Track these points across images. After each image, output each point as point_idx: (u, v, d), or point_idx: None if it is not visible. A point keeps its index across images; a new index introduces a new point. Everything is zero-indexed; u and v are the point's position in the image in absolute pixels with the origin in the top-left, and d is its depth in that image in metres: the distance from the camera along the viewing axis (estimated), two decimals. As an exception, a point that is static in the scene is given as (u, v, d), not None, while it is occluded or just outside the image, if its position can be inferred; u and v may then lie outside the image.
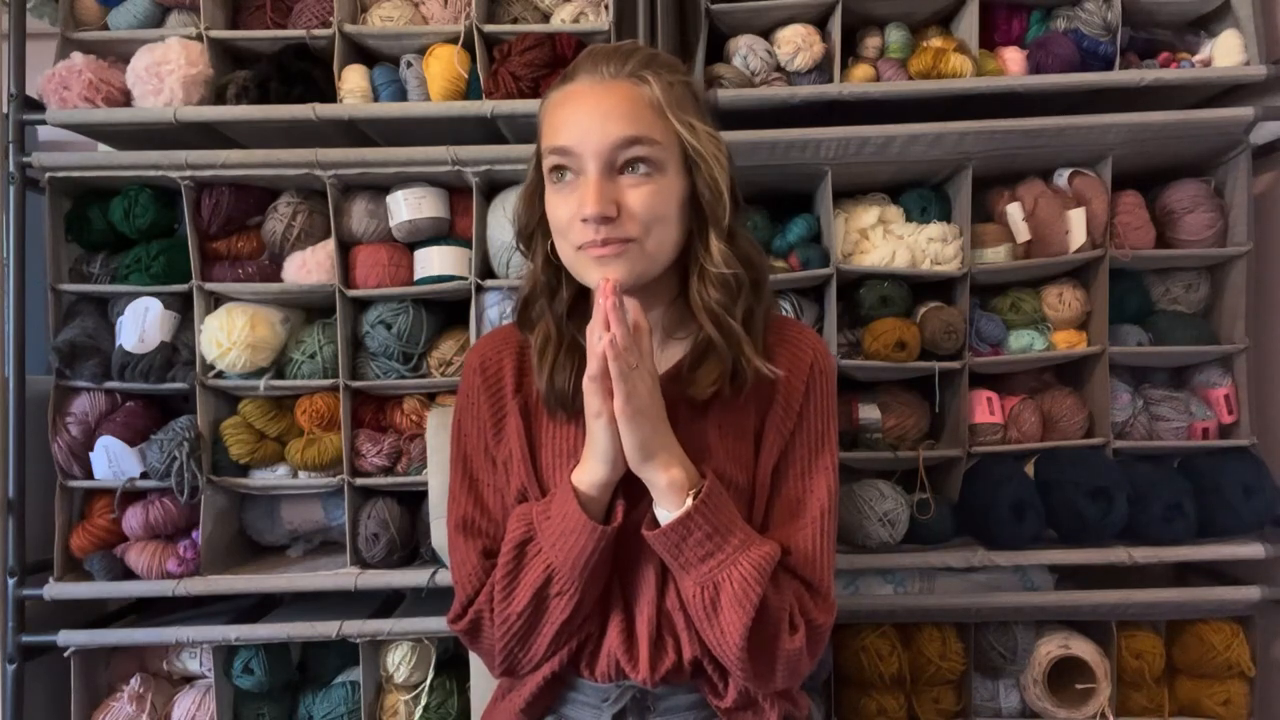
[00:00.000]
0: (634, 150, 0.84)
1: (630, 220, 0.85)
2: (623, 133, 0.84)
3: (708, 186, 0.87)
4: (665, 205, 0.86)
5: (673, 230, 0.88)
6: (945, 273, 1.47)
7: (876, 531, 1.44)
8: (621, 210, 0.85)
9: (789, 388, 0.94)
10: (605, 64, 0.87)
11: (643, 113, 0.85)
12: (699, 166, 0.87)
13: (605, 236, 0.85)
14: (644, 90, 0.86)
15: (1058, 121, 1.41)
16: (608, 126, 0.84)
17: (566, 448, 0.93)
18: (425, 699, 1.44)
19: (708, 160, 0.87)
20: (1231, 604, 1.45)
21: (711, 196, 0.88)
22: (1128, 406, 1.51)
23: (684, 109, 0.87)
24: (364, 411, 1.49)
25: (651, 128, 0.85)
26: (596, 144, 0.84)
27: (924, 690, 1.47)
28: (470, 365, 0.99)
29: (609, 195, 0.84)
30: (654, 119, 0.85)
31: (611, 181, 0.85)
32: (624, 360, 0.79)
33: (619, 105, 0.85)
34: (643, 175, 0.85)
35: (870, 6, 1.50)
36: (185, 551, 1.43)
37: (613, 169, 0.85)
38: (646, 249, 0.86)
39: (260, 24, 1.51)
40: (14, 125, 1.43)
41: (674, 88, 0.87)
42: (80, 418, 1.45)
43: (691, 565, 0.85)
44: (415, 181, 1.45)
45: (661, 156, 0.85)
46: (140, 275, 1.45)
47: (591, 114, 0.85)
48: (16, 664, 1.41)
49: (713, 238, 0.89)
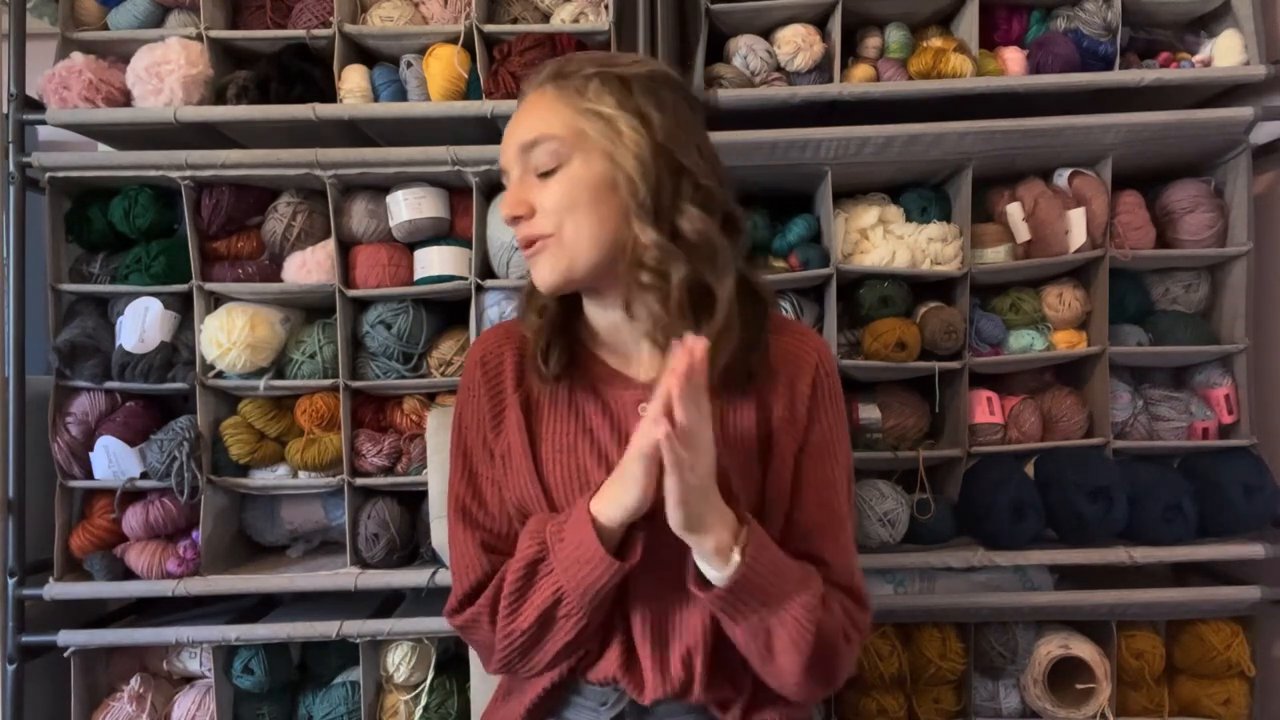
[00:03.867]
0: (535, 151, 0.87)
1: (541, 216, 0.87)
2: (522, 138, 0.88)
3: (623, 172, 0.86)
4: (573, 195, 0.86)
5: (591, 217, 0.86)
6: (945, 273, 1.47)
7: (876, 531, 1.44)
8: (533, 208, 0.87)
9: (793, 390, 0.93)
10: (528, 81, 0.91)
11: (543, 114, 0.87)
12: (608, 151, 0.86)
13: (523, 235, 0.88)
14: (547, 93, 0.88)
15: (1057, 121, 1.41)
16: (514, 135, 0.89)
17: (566, 442, 0.93)
18: (425, 699, 1.44)
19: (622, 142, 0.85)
20: (1231, 604, 1.44)
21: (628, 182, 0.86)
22: (1128, 406, 1.51)
23: (597, 99, 0.87)
24: (364, 411, 1.49)
25: (550, 125, 0.86)
26: (509, 154, 0.89)
27: (924, 690, 1.47)
28: (471, 359, 1.00)
29: (519, 197, 0.88)
30: (553, 116, 0.87)
31: (526, 184, 0.88)
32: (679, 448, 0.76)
33: (526, 115, 0.89)
34: (547, 172, 0.87)
35: (870, 6, 1.50)
36: (185, 551, 1.43)
37: (526, 172, 0.88)
38: (564, 241, 0.87)
39: (260, 24, 1.51)
40: (14, 125, 1.43)
41: (588, 81, 0.87)
42: (80, 418, 1.45)
43: (743, 617, 0.84)
44: (415, 181, 1.45)
45: (563, 149, 0.86)
46: (140, 275, 1.45)
47: (510, 129, 0.90)
48: (16, 664, 1.41)
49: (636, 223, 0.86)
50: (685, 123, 0.89)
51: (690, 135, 0.89)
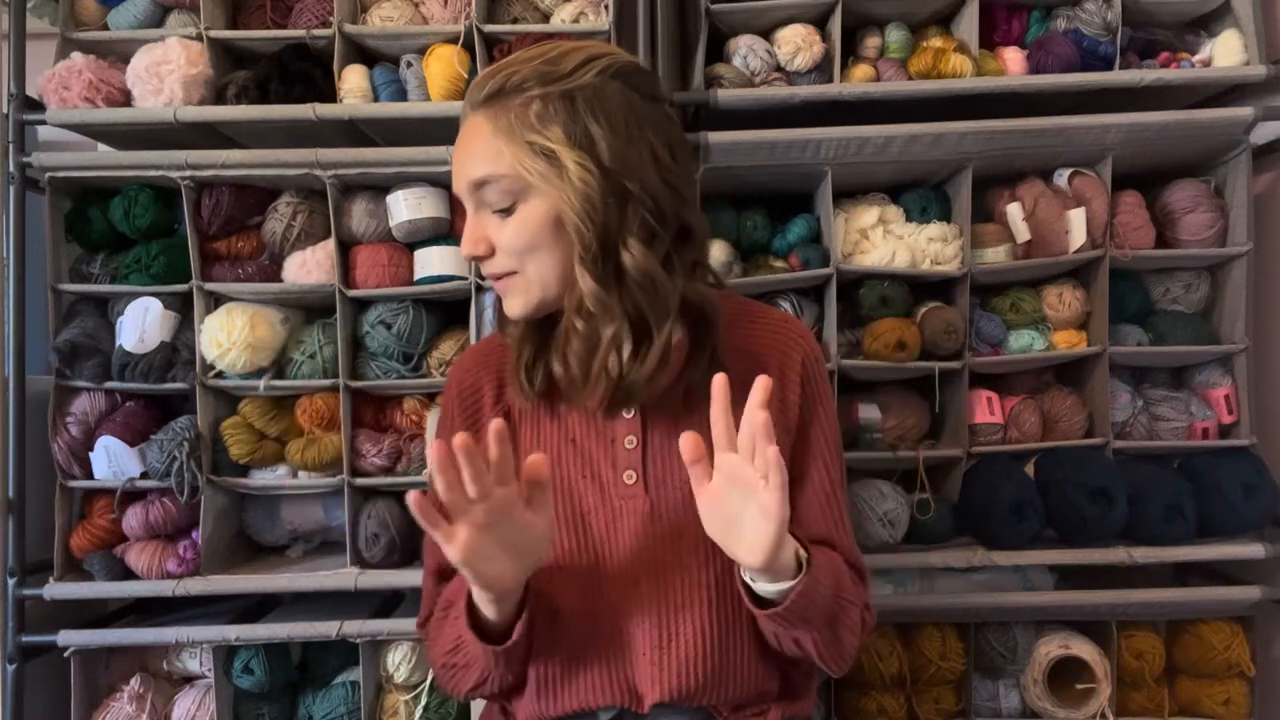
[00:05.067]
0: (485, 191, 0.85)
1: (502, 255, 0.86)
2: (471, 175, 0.85)
3: (569, 212, 0.82)
4: (530, 236, 0.84)
5: (552, 256, 0.85)
6: (945, 273, 1.47)
7: (876, 531, 1.44)
8: (491, 247, 0.86)
9: (782, 381, 0.93)
10: (471, 94, 0.86)
11: (487, 148, 0.83)
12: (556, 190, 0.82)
13: (488, 273, 0.88)
14: (493, 121, 0.83)
15: (1058, 121, 1.41)
16: (463, 168, 0.86)
17: (550, 456, 0.92)
18: (425, 699, 1.44)
19: (569, 181, 0.81)
20: (1231, 604, 1.44)
21: (572, 220, 0.82)
22: (1128, 406, 1.51)
23: (541, 127, 0.81)
24: (364, 411, 1.49)
25: (496, 164, 0.83)
26: (462, 188, 0.87)
27: (924, 690, 1.47)
28: (449, 385, 1.00)
29: (477, 235, 0.86)
30: (497, 154, 0.83)
31: (483, 218, 0.86)
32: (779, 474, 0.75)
33: (471, 144, 0.85)
34: (501, 211, 0.85)
35: (870, 6, 1.50)
36: (185, 551, 1.43)
37: (482, 205, 0.86)
38: (529, 279, 0.86)
39: (260, 24, 1.51)
40: (14, 125, 1.43)
41: (531, 106, 0.82)
42: (80, 418, 1.45)
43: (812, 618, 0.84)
44: (415, 181, 1.45)
45: (516, 188, 0.83)
46: (140, 275, 1.45)
47: (457, 157, 0.87)
48: (16, 664, 1.41)
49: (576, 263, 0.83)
50: (636, 134, 0.83)
51: (641, 146, 0.83)
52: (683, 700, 0.89)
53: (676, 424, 0.90)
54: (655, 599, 0.89)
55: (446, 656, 0.91)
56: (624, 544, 0.90)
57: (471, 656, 0.88)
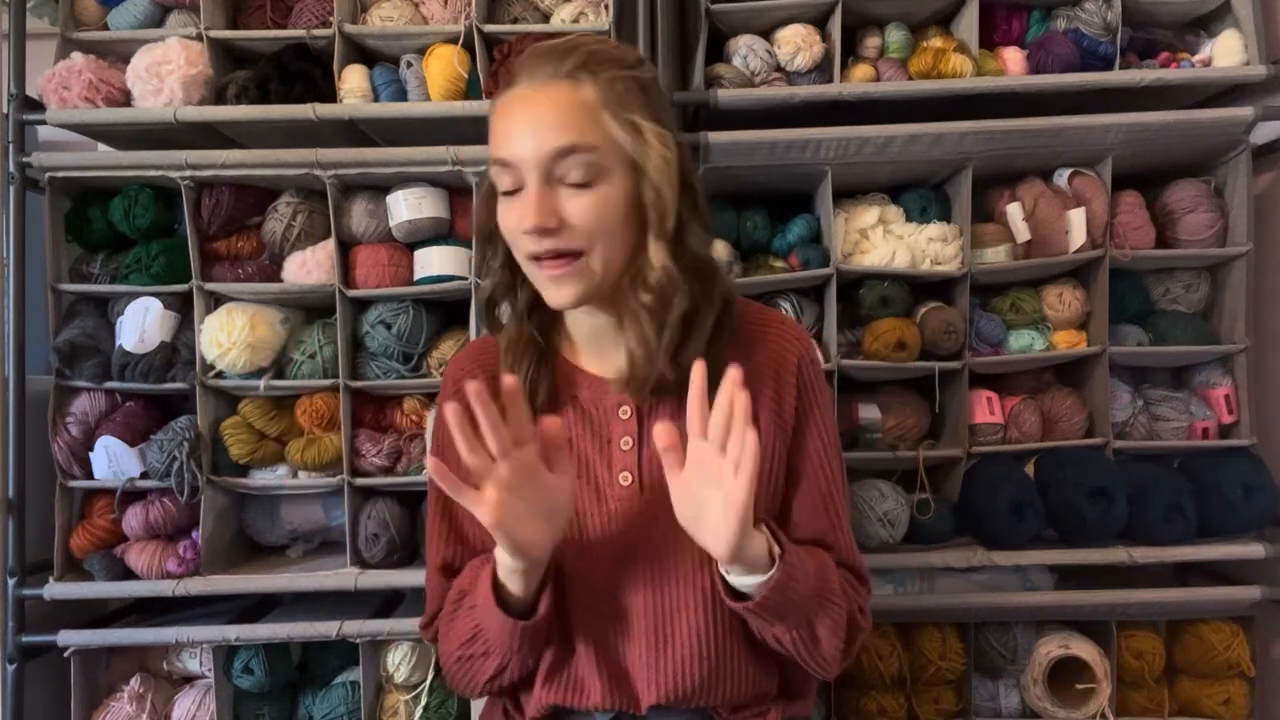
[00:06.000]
0: (571, 159, 0.81)
1: (572, 232, 0.82)
2: (557, 142, 0.80)
3: (653, 190, 0.83)
4: (609, 214, 0.82)
5: (619, 238, 0.84)
6: (945, 273, 1.47)
7: (876, 531, 1.44)
8: (563, 221, 0.82)
9: (778, 383, 0.93)
10: (543, 65, 0.83)
11: (579, 117, 0.81)
12: (642, 169, 0.83)
13: (550, 248, 0.82)
14: (581, 92, 0.82)
15: (1057, 121, 1.41)
16: (542, 136, 0.80)
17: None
18: (425, 699, 1.44)
19: (653, 162, 0.82)
20: (1231, 604, 1.44)
21: (655, 200, 0.83)
22: (1128, 406, 1.51)
23: (628, 106, 0.82)
24: (364, 411, 1.49)
25: (588, 133, 0.81)
26: (532, 154, 0.81)
27: (924, 690, 1.47)
28: (446, 385, 0.99)
29: (548, 206, 0.81)
30: (591, 123, 0.81)
31: (552, 191, 0.82)
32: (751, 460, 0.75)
33: (552, 111, 0.81)
34: (582, 184, 0.81)
35: (870, 6, 1.50)
36: (185, 551, 1.43)
37: (552, 178, 0.82)
38: (592, 264, 0.83)
39: (260, 24, 1.51)
40: (14, 125, 1.43)
41: (615, 84, 0.82)
42: (80, 418, 1.45)
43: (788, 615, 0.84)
44: (415, 181, 1.45)
45: (602, 162, 0.81)
46: (140, 275, 1.45)
47: (526, 123, 0.81)
48: (16, 664, 1.41)
49: (653, 243, 0.84)
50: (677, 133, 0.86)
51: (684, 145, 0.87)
52: (679, 702, 0.89)
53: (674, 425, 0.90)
54: (651, 601, 0.89)
55: (462, 648, 0.89)
56: (619, 546, 0.89)
57: (492, 643, 0.86)
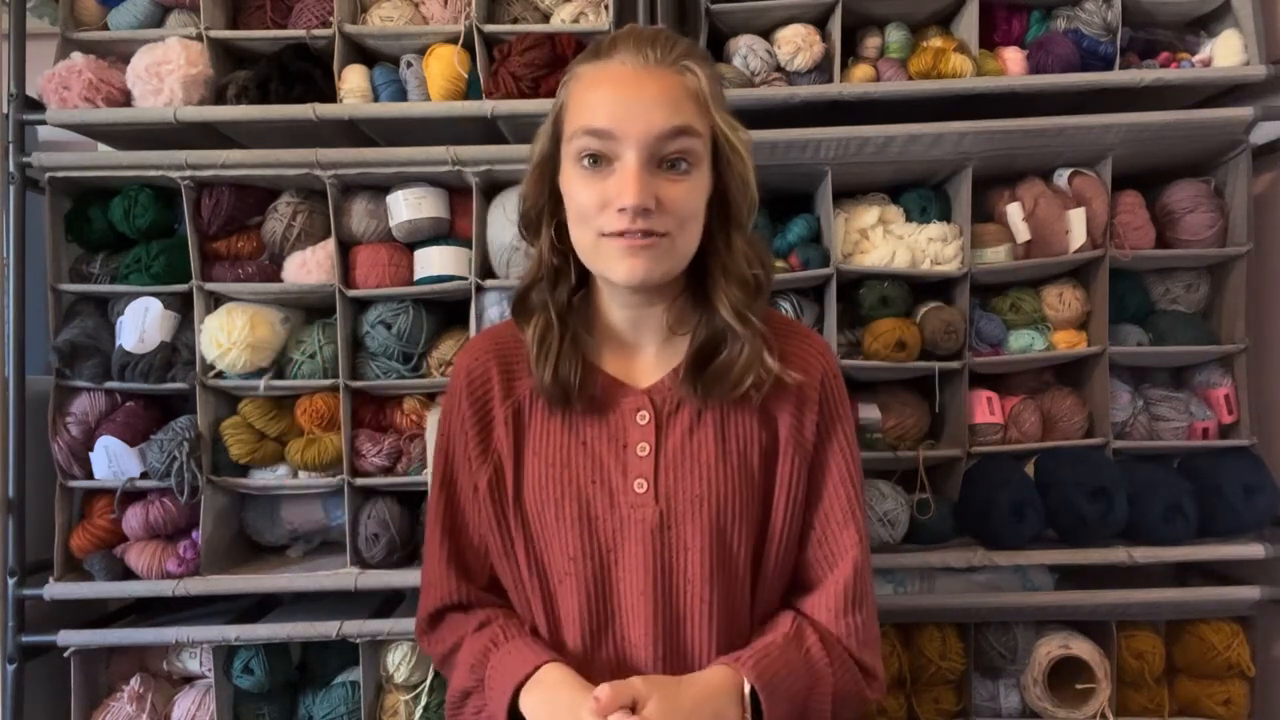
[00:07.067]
0: (679, 142, 0.82)
1: (666, 215, 0.82)
2: (670, 123, 0.81)
3: (740, 183, 0.86)
4: (698, 202, 0.85)
5: (696, 228, 0.86)
6: (945, 273, 1.47)
7: (876, 531, 1.44)
8: (660, 204, 0.82)
9: (800, 400, 0.92)
10: (649, 47, 0.83)
11: (688, 104, 0.83)
12: (731, 163, 0.86)
13: (641, 228, 0.81)
14: (688, 80, 0.83)
15: (1058, 121, 1.41)
16: (654, 114, 0.81)
17: (559, 456, 0.91)
18: (425, 699, 1.44)
19: (742, 157, 0.86)
20: (1231, 604, 1.44)
21: (741, 194, 0.87)
22: (1128, 406, 1.51)
23: (720, 103, 0.86)
24: (364, 411, 1.49)
25: (696, 120, 0.83)
26: (641, 131, 0.80)
27: (924, 690, 1.47)
28: (457, 372, 0.98)
29: (649, 186, 0.81)
30: (697, 111, 0.83)
31: (650, 172, 0.82)
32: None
33: (666, 93, 0.81)
34: (683, 170, 0.83)
35: (870, 6, 1.50)
36: (185, 551, 1.43)
37: (653, 159, 0.82)
38: (676, 246, 0.85)
39: (260, 24, 1.51)
40: (14, 125, 1.43)
41: (714, 80, 0.86)
42: (80, 418, 1.45)
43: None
44: (415, 181, 1.45)
45: (701, 151, 0.84)
46: (140, 275, 1.45)
47: (636, 98, 0.81)
48: (16, 664, 1.41)
49: (735, 236, 0.88)
50: None
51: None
52: None
53: (691, 434, 0.90)
54: (659, 610, 0.88)
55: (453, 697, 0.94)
56: (630, 552, 0.89)
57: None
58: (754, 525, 0.90)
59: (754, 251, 0.90)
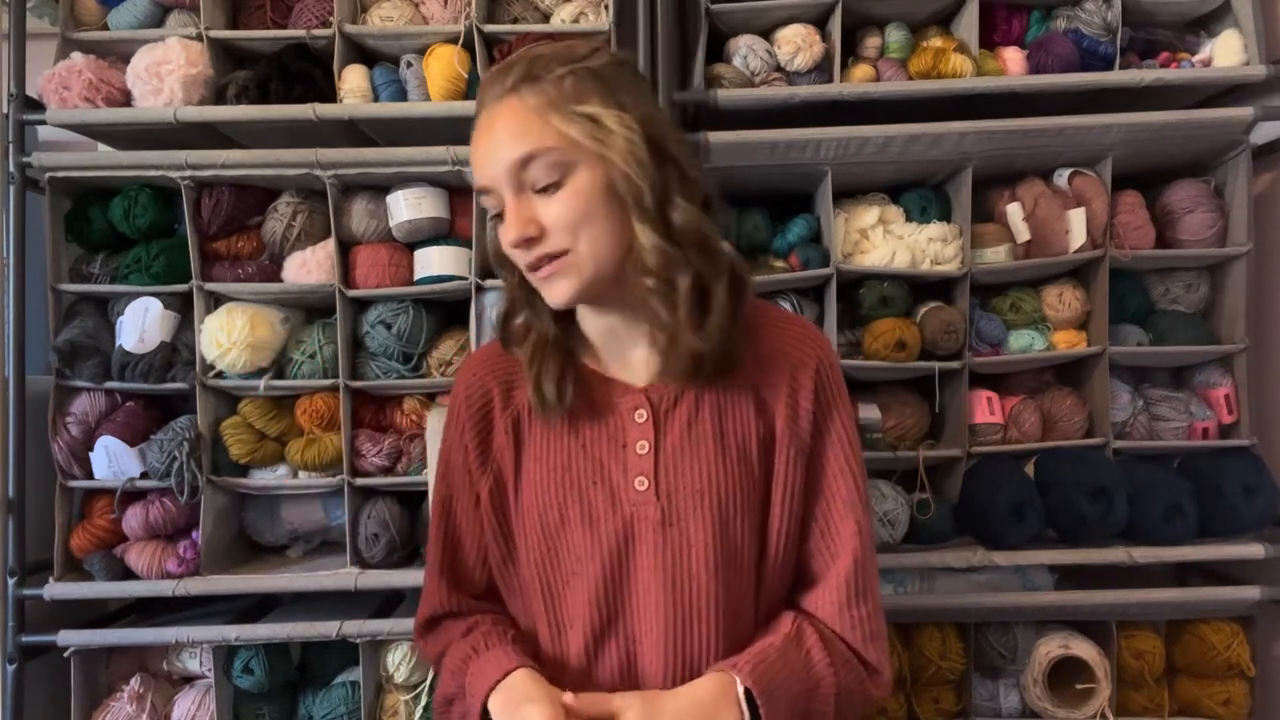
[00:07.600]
0: (532, 166, 0.82)
1: (553, 234, 0.83)
2: (516, 153, 0.82)
3: (621, 174, 0.83)
4: (583, 206, 0.83)
5: (603, 229, 0.84)
6: (945, 273, 1.47)
7: (877, 531, 1.44)
8: (543, 227, 0.83)
9: (795, 389, 0.92)
10: (490, 88, 0.85)
11: (526, 125, 0.82)
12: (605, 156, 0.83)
13: (537, 256, 0.84)
14: (525, 101, 0.83)
15: (1058, 121, 1.41)
16: (502, 152, 0.83)
17: (560, 461, 0.92)
18: (425, 699, 1.44)
19: (616, 146, 0.83)
20: (1231, 604, 1.44)
21: (627, 183, 0.83)
22: (1128, 406, 1.51)
23: (580, 99, 0.83)
24: (364, 411, 1.49)
25: (539, 137, 0.82)
26: (501, 172, 0.83)
27: (924, 690, 1.47)
28: (456, 389, 0.99)
29: (524, 216, 0.83)
30: (541, 127, 0.82)
31: (527, 201, 0.83)
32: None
33: (510, 124, 0.83)
34: (551, 187, 0.83)
35: (870, 6, 1.50)
36: (185, 551, 1.43)
37: (523, 189, 0.83)
38: (582, 256, 0.84)
39: (260, 24, 1.51)
40: (14, 125, 1.43)
41: (563, 82, 0.83)
42: (80, 418, 1.45)
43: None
44: (415, 181, 1.45)
45: (564, 159, 0.82)
46: (140, 275, 1.45)
47: (488, 145, 0.84)
48: (16, 664, 1.41)
49: (638, 225, 0.84)
50: (656, 109, 0.88)
51: (665, 120, 0.88)
52: None
53: (689, 429, 0.90)
54: (665, 607, 0.88)
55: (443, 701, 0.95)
56: (636, 550, 0.89)
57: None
58: (757, 517, 0.90)
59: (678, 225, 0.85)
